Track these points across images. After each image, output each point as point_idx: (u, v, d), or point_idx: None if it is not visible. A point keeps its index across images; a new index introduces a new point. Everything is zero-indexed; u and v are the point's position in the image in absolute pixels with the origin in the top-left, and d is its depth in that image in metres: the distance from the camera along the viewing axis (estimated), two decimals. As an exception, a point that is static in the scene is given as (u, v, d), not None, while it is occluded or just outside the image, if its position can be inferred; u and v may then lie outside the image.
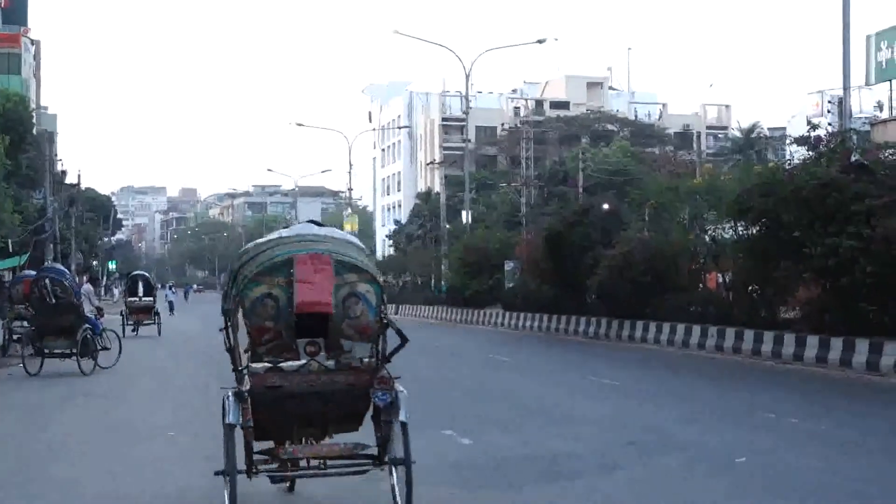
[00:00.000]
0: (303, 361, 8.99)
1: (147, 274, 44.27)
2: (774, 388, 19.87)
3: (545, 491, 10.29)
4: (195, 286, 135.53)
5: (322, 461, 9.34)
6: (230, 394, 8.87)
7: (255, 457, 9.17)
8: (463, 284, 51.91)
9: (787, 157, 36.70)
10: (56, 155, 62.57)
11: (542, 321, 40.25)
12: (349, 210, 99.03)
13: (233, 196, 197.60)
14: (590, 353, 29.33)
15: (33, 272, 26.72)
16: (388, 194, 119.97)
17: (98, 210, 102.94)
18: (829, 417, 15.60)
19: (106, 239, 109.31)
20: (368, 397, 9.06)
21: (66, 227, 66.52)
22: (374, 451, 9.30)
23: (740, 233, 29.01)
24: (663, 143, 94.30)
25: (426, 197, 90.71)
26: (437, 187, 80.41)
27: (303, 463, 9.56)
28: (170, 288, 70.38)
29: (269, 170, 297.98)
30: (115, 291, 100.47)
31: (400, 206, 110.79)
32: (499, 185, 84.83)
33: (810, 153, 27.79)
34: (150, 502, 9.83)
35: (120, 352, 24.63)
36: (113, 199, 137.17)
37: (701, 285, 33.59)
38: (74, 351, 22.51)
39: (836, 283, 24.16)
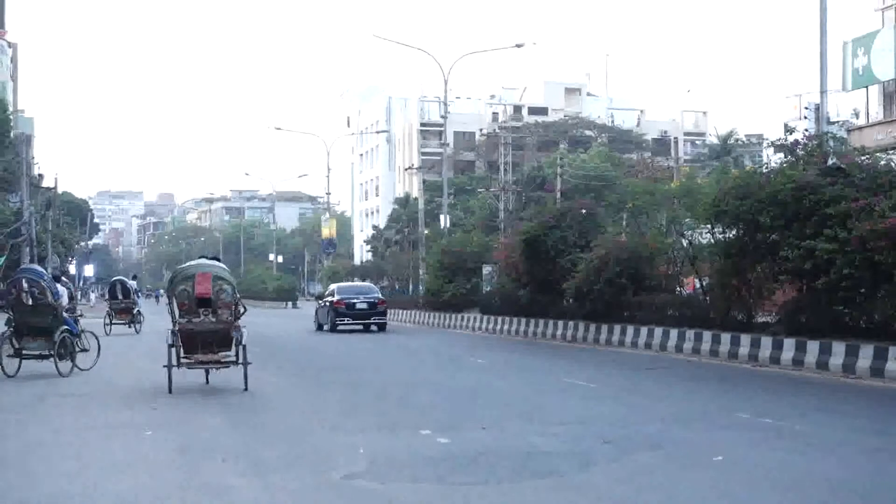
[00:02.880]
0: (201, 318, 19.54)
1: (125, 279, 46.67)
2: (751, 390, 19.92)
3: (522, 486, 10.32)
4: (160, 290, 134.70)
5: (212, 362, 19.65)
6: (169, 331, 19.36)
7: (182, 360, 19.39)
8: (440, 288, 51.89)
9: (764, 161, 36.80)
10: (33, 158, 62.44)
11: (519, 324, 40.26)
12: (327, 215, 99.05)
13: (210, 201, 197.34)
14: (566, 356, 29.36)
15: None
16: (367, 199, 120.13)
17: (75, 214, 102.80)
18: (806, 418, 15.66)
19: (83, 243, 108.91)
20: (230, 334, 19.50)
21: (43, 230, 66.26)
22: (233, 358, 19.50)
23: (717, 236, 29.11)
24: (641, 149, 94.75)
25: (404, 202, 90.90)
26: (416, 192, 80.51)
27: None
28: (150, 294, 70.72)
29: (246, 174, 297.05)
30: (92, 296, 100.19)
31: (378, 211, 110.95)
32: (477, 190, 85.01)
33: (787, 157, 27.98)
34: (126, 499, 9.79)
35: (98, 353, 24.56)
36: (90, 203, 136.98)
37: (678, 289, 33.70)
38: (52, 352, 22.41)
39: (812, 285, 24.31)
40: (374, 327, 44.34)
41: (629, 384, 21.61)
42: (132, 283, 45.41)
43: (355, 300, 44.34)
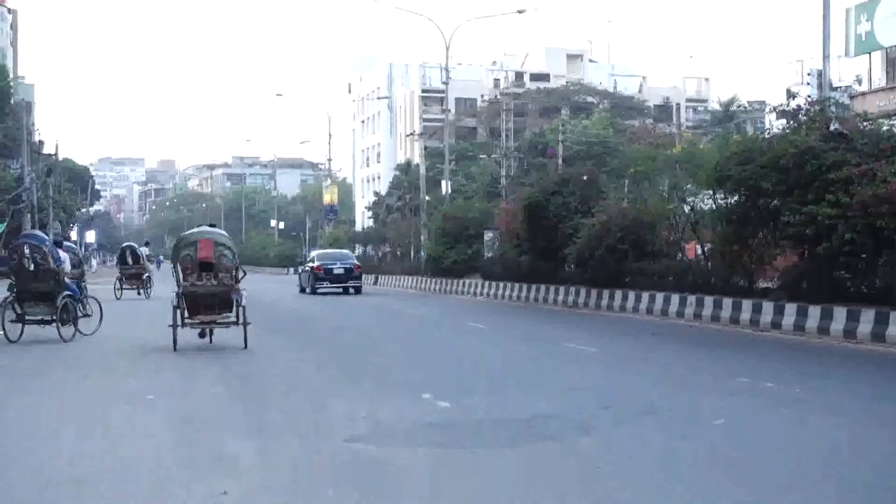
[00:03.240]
0: (203, 282, 20.71)
1: (135, 245, 48.66)
2: (752, 355, 19.94)
3: (522, 451, 10.33)
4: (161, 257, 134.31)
5: (214, 322, 20.86)
6: (174, 293, 20.72)
7: (186, 321, 20.54)
8: (442, 254, 51.90)
9: (767, 127, 36.69)
10: (33, 125, 62.30)
11: (520, 290, 40.32)
12: (328, 181, 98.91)
13: (211, 167, 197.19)
14: (567, 322, 29.40)
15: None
16: (368, 166, 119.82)
17: (76, 180, 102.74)
18: (807, 383, 15.68)
19: (84, 210, 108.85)
20: (231, 296, 20.70)
21: (44, 196, 66.21)
22: (234, 318, 20.63)
23: (718, 202, 29.08)
24: (643, 116, 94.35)
25: (406, 168, 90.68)
26: (417, 159, 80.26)
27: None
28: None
29: (247, 141, 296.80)
30: (93, 262, 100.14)
31: (379, 177, 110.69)
32: (478, 156, 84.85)
33: (789, 123, 27.91)
34: (128, 464, 9.81)
35: (101, 318, 24.60)
36: (91, 169, 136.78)
37: (679, 254, 33.70)
38: (54, 318, 22.44)
39: (813, 251, 24.29)
40: (351, 290, 48.12)
41: (630, 350, 21.64)
42: (144, 250, 47.14)
43: (332, 266, 48.72)
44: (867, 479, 9.12)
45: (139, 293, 42.62)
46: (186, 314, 20.54)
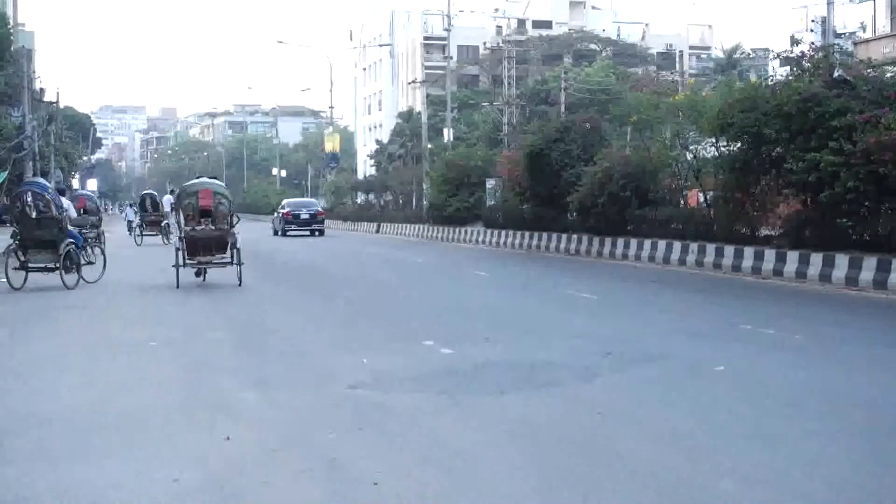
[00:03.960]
0: (203, 227, 23.16)
1: (154, 193, 52.80)
2: (754, 303, 20.00)
3: (525, 397, 10.38)
4: None
5: (211, 263, 23.08)
6: (176, 238, 23.39)
7: (187, 261, 22.73)
8: (444, 202, 51.88)
9: (770, 74, 36.55)
10: (34, 72, 61.88)
11: (522, 238, 40.33)
12: (330, 129, 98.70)
13: (213, 115, 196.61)
14: (570, 270, 29.43)
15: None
16: (370, 113, 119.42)
17: (77, 128, 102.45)
18: (808, 330, 15.71)
19: (86, 158, 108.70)
20: (227, 239, 22.96)
21: (46, 144, 66.09)
22: (229, 259, 22.94)
23: (721, 149, 29.03)
24: (646, 63, 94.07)
25: (408, 116, 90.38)
26: (419, 107, 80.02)
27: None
28: (130, 206, 71.28)
29: (249, 88, 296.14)
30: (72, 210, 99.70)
31: (381, 125, 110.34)
32: (480, 104, 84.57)
33: (793, 70, 27.79)
34: (132, 413, 9.86)
35: (104, 266, 24.70)
36: (92, 117, 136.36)
37: (682, 202, 33.68)
38: (57, 265, 22.51)
39: (816, 198, 24.26)
40: (315, 232, 57.43)
41: (632, 297, 21.69)
42: (168, 198, 48.36)
43: (299, 212, 58.81)
44: (866, 422, 9.17)
45: (164, 241, 43.30)
46: (187, 255, 22.88)
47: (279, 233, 57.88)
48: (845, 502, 6.86)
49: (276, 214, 61.93)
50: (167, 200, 47.27)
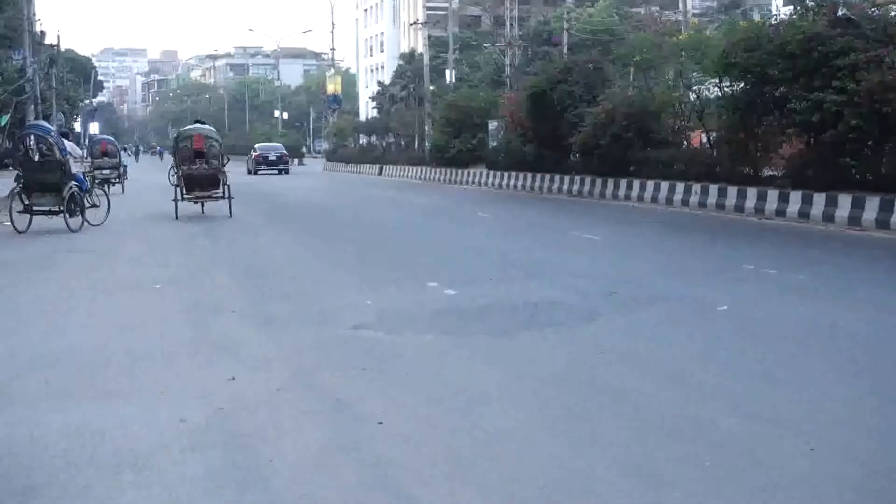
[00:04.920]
0: (197, 166, 26.95)
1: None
2: (756, 243, 20.00)
3: (529, 336, 10.42)
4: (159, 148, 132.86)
5: (206, 197, 26.98)
6: (175, 175, 27.69)
7: (185, 196, 26.39)
8: (446, 144, 51.73)
9: (773, 13, 36.34)
10: (34, 15, 61.51)
11: (525, 180, 40.28)
12: (331, 71, 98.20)
13: (214, 58, 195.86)
14: (572, 211, 29.44)
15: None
16: (371, 55, 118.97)
17: (78, 71, 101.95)
18: (811, 269, 15.74)
19: (87, 101, 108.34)
20: (219, 177, 26.79)
21: (47, 88, 65.80)
22: (221, 194, 26.62)
23: (724, 90, 28.92)
24: (649, 3, 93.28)
25: (409, 58, 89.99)
26: (421, 48, 79.52)
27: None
28: (124, 150, 71.38)
29: (250, 30, 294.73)
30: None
31: (383, 67, 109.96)
32: (483, 45, 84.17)
33: (797, 9, 27.63)
34: (137, 353, 9.92)
35: (108, 209, 24.74)
36: (93, 60, 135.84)
37: (685, 143, 33.60)
38: (61, 208, 22.54)
39: (819, 138, 24.23)
40: (282, 172, 66.90)
41: (635, 238, 21.69)
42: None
43: (268, 154, 69.10)
44: (869, 361, 9.21)
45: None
46: (185, 191, 26.93)
47: (252, 172, 65.61)
48: (848, 439, 6.90)
49: (249, 156, 70.55)
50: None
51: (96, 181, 27.37)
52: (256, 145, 74.14)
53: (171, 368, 9.13)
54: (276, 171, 66.43)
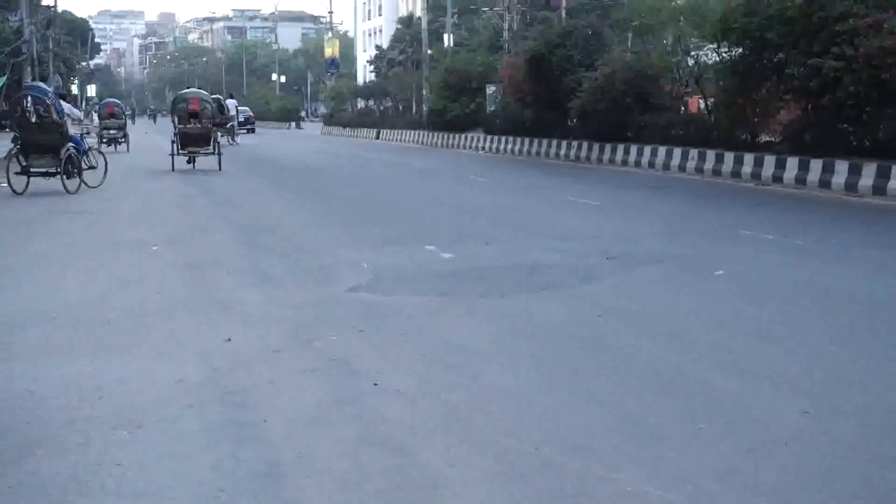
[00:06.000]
0: (192, 125, 30.89)
1: (220, 97, 56.89)
2: (754, 208, 20.00)
3: (527, 298, 10.45)
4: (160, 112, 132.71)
5: (199, 152, 30.79)
6: (173, 133, 31.08)
7: (180, 152, 30.62)
8: (444, 108, 51.62)
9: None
10: (31, -25, 61.25)
11: (522, 144, 40.24)
12: (329, 34, 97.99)
13: (212, 20, 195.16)
14: (571, 175, 29.42)
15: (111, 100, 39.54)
16: (370, 19, 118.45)
17: (75, 33, 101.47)
18: (808, 234, 15.76)
19: (85, 63, 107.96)
20: (211, 135, 31.12)
21: (44, 49, 65.57)
22: (212, 150, 30.61)
23: (723, 54, 28.85)
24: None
25: (408, 21, 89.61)
26: (419, 12, 79.24)
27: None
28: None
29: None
30: (94, 116, 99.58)
31: (381, 30, 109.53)
32: (481, 9, 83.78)
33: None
34: (135, 311, 9.95)
35: (106, 171, 24.74)
36: (90, 22, 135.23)
37: (683, 108, 33.56)
38: (59, 169, 22.53)
39: (817, 104, 24.18)
40: (250, 131, 74.52)
41: (633, 202, 21.69)
42: (231, 101, 57.75)
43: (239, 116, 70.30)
44: (865, 320, 9.25)
45: (230, 141, 49.87)
46: (180, 147, 30.70)
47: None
48: (844, 396, 6.94)
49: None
50: (232, 104, 56.48)
51: (103, 140, 31.34)
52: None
53: (168, 325, 9.16)
54: (246, 130, 72.05)
